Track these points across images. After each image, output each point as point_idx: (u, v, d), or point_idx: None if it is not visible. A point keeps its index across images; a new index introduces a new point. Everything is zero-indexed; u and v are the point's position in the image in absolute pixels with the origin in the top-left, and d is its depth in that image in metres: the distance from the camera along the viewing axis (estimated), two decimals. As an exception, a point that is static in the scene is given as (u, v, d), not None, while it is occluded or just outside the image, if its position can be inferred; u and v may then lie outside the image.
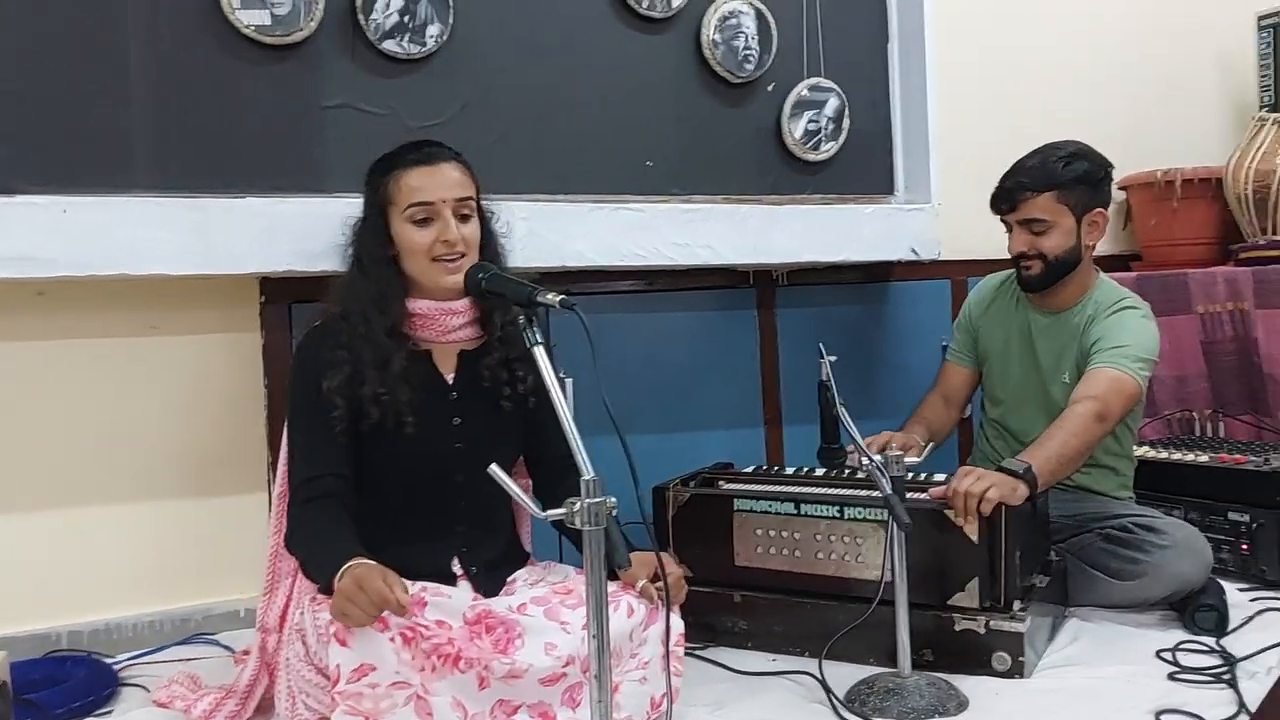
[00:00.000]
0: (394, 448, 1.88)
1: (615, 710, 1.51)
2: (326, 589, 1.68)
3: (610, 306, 2.77)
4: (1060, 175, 2.32)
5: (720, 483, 2.41)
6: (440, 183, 1.88)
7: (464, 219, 1.90)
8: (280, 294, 2.43)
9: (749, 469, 2.50)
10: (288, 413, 1.93)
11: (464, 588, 1.90)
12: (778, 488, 2.30)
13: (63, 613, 2.33)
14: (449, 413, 1.93)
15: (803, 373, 2.95)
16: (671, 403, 2.86)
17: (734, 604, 2.22)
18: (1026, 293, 2.46)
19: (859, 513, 2.11)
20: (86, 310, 2.32)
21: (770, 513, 2.19)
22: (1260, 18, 3.40)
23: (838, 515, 2.13)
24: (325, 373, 1.84)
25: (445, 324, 1.93)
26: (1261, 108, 3.34)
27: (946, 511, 2.02)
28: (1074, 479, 2.38)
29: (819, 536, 2.15)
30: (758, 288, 2.98)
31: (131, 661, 2.26)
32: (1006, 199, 2.37)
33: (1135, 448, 2.74)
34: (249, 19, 2.21)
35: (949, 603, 2.03)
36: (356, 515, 1.83)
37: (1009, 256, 2.43)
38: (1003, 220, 2.43)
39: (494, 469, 1.44)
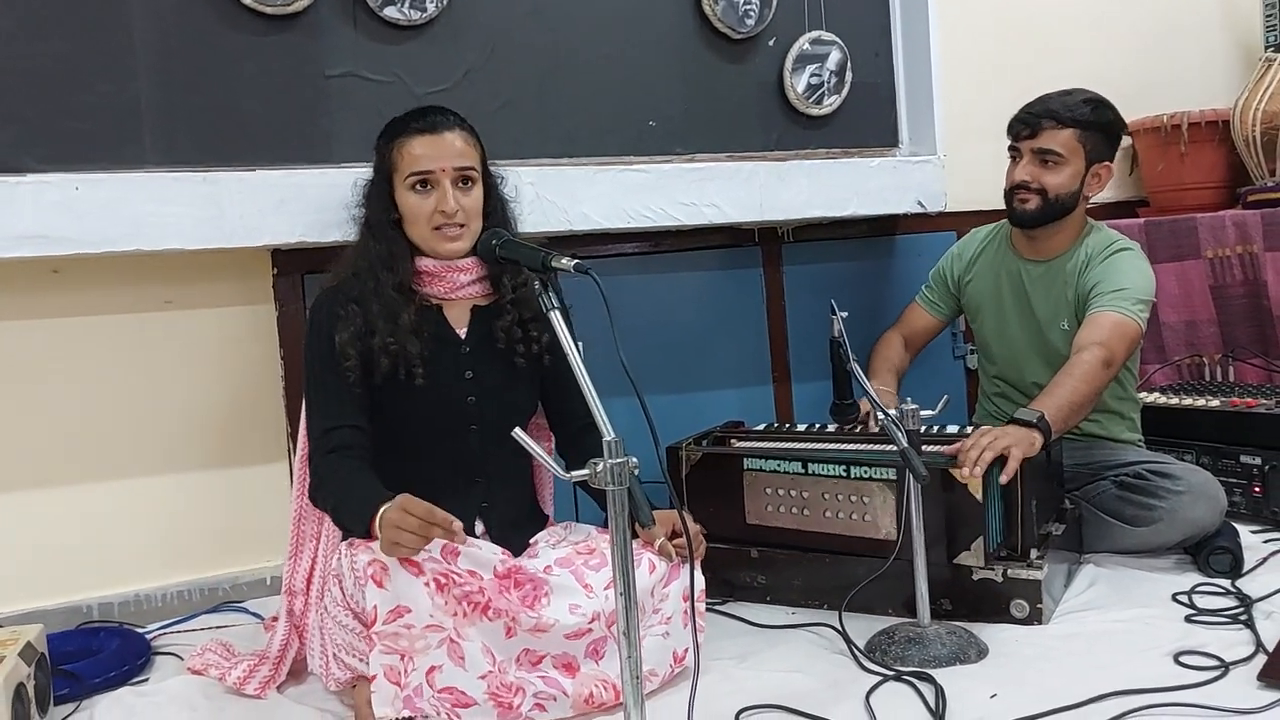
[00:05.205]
0: (408, 401, 1.91)
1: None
2: (364, 534, 1.71)
3: (617, 269, 2.77)
4: (1088, 116, 2.34)
5: (731, 441, 2.42)
6: (441, 152, 1.90)
7: (464, 188, 1.92)
8: (292, 265, 2.45)
9: (760, 427, 2.52)
10: (304, 372, 1.95)
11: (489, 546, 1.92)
12: (787, 446, 2.32)
13: (92, 585, 2.36)
14: (461, 366, 1.95)
15: (810, 329, 2.96)
16: (681, 363, 2.87)
17: (751, 559, 2.25)
18: (1017, 227, 2.44)
19: (865, 472, 2.11)
20: (102, 286, 2.34)
21: (779, 471, 2.21)
22: (1265, -45, 3.36)
23: (844, 474, 2.14)
24: (337, 326, 1.87)
25: (454, 280, 1.96)
26: (1267, 47, 3.31)
27: (951, 470, 2.02)
28: (1083, 427, 2.38)
29: (826, 495, 2.16)
30: (763, 245, 2.98)
31: (162, 631, 2.30)
32: (1029, 124, 2.35)
33: (1145, 394, 2.75)
34: (250, -11, 2.20)
35: (954, 562, 2.04)
36: (377, 472, 1.85)
37: (1004, 190, 2.42)
38: (1013, 148, 2.41)
39: (517, 432, 1.46)
